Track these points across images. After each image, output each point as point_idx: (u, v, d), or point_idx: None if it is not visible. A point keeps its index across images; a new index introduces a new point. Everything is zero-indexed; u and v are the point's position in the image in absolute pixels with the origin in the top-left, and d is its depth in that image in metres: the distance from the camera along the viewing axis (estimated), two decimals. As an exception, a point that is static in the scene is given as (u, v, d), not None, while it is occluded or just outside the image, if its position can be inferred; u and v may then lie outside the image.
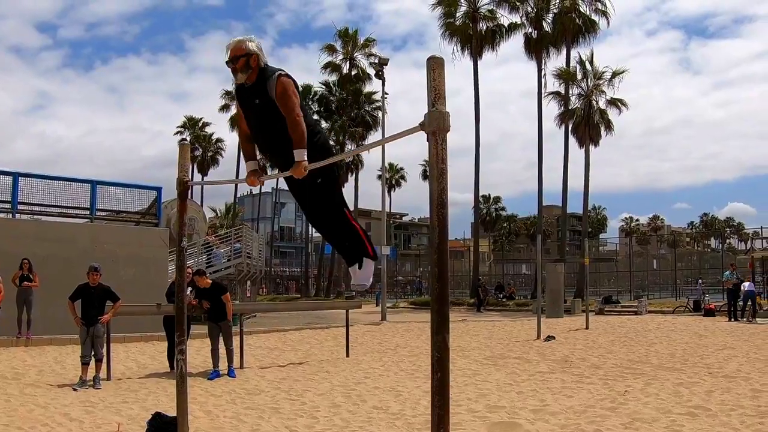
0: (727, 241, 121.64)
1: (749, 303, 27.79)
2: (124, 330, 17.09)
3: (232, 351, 13.79)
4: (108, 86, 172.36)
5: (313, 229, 78.09)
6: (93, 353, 12.08)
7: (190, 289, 13.13)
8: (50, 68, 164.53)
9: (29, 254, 17.37)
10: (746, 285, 27.86)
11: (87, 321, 12.15)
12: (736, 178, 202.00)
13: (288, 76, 5.25)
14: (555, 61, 48.49)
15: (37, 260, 17.40)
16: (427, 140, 3.63)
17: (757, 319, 26.72)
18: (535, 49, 47.58)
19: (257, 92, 5.26)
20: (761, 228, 47.48)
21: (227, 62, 5.37)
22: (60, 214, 21.53)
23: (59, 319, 14.88)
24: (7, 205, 20.45)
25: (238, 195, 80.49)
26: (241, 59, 5.28)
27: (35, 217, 21.36)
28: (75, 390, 11.42)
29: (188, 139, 69.79)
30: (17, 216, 20.68)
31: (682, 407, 9.46)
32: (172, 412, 7.17)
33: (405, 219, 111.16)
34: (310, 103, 61.46)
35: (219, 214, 73.26)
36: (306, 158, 4.95)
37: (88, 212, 21.69)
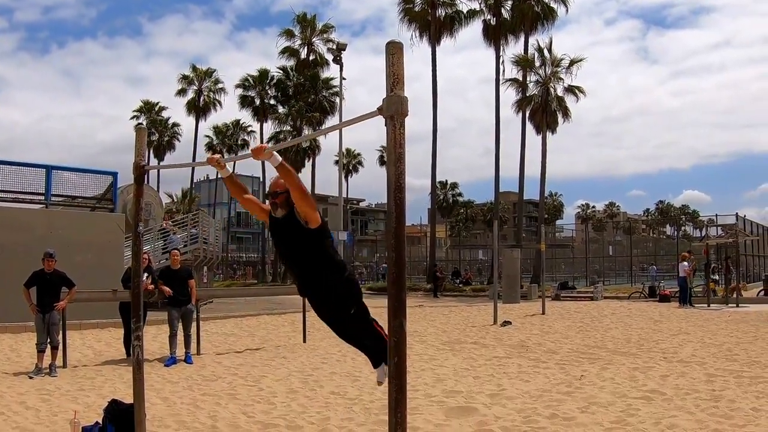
0: (683, 228, 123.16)
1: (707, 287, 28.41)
2: (79, 317, 16.94)
3: (190, 337, 13.70)
4: (64, 70, 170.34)
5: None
6: (49, 340, 11.94)
7: (146, 274, 13.03)
8: (5, 52, 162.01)
9: (-17, 241, 17.12)
10: (680, 270, 28.25)
11: (42, 308, 12.00)
12: (691, 166, 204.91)
13: None
14: (513, 48, 48.80)
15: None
16: (385, 125, 3.62)
17: (693, 305, 27.20)
18: (494, 35, 47.76)
19: (287, 223, 5.62)
20: (716, 215, 48.38)
21: (267, 195, 5.81)
22: (14, 199, 21.20)
23: (14, 307, 14.69)
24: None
25: (195, 180, 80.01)
26: (281, 195, 5.61)
27: (-11, 203, 21.04)
28: (31, 378, 11.29)
29: (145, 123, 69.14)
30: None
31: (637, 391, 9.56)
32: (128, 399, 7.13)
33: (362, 205, 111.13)
34: (267, 88, 61.20)
35: (175, 200, 72.84)
36: (279, 158, 5.28)
37: (43, 198, 21.39)
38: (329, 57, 50.09)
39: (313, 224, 5.51)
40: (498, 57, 47.70)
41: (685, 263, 28.04)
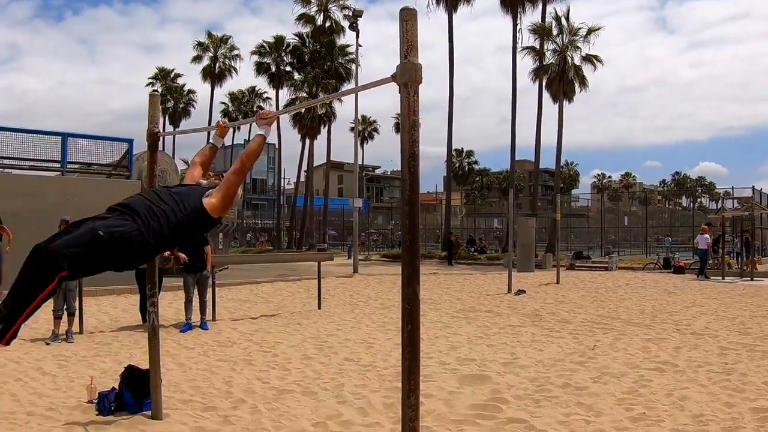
0: (699, 200, 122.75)
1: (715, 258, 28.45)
2: (96, 283, 16.98)
3: (206, 303, 13.74)
4: (78, 37, 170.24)
5: (285, 182, 78.08)
6: (65, 307, 12.00)
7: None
8: (21, 19, 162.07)
9: (-1, 208, 17.13)
10: (701, 242, 28.29)
11: (58, 274, 12.04)
12: (708, 138, 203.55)
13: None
14: (531, 16, 48.22)
15: (6, 214, 17.16)
16: (399, 92, 3.61)
17: (709, 277, 27.22)
18: (511, 3, 47.21)
19: (197, 189, 5.33)
20: (732, 188, 48.04)
21: (215, 172, 5.72)
22: (30, 167, 21.25)
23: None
24: (-23, 159, 20.20)
25: (210, 147, 79.97)
26: (218, 176, 5.52)
27: (5, 170, 21.08)
28: (48, 344, 11.35)
29: (160, 90, 69.06)
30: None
31: (650, 362, 9.56)
32: (144, 365, 7.19)
33: (378, 172, 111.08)
34: (282, 55, 61.04)
35: (191, 167, 72.88)
36: (266, 134, 5.33)
37: (59, 165, 21.43)
38: (345, 24, 49.80)
39: (209, 207, 5.06)
40: (515, 25, 47.22)
41: (707, 236, 28.00)
